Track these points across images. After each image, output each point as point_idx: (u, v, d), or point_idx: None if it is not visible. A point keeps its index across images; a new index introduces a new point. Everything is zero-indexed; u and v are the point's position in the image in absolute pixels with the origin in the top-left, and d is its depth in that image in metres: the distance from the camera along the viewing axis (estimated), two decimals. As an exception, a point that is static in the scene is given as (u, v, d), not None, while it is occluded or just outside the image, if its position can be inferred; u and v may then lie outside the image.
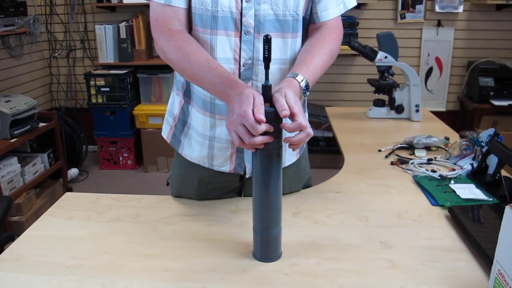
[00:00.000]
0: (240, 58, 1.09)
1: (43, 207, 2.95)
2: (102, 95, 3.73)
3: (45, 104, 4.11)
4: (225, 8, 1.05)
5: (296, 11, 1.09)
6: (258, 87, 1.11)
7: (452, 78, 3.96)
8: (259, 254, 0.99)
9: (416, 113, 2.16)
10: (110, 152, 3.90)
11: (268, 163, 0.92)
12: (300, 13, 1.10)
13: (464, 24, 3.82)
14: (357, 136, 1.96)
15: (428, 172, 1.45)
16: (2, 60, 3.49)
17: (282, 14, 1.08)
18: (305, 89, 1.01)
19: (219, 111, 1.14)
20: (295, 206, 1.24)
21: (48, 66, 4.13)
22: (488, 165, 1.40)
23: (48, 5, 3.95)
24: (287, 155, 1.24)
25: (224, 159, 1.20)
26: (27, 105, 2.98)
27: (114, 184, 3.64)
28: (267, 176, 0.93)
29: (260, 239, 0.98)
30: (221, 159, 1.20)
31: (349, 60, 3.95)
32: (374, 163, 1.60)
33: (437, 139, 1.71)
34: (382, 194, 1.34)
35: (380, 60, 2.16)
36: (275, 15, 1.07)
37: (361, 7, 3.78)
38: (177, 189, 1.32)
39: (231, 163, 1.20)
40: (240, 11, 1.05)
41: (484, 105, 3.59)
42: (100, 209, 1.23)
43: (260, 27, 1.07)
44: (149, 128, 3.78)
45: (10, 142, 2.80)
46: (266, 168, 0.92)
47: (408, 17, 3.81)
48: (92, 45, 4.05)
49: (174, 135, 1.28)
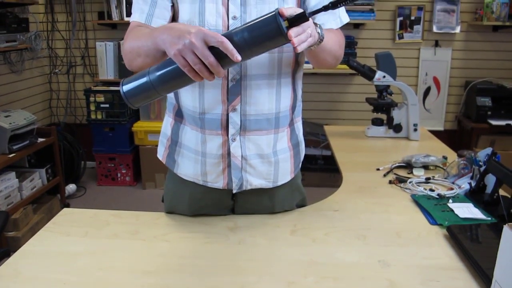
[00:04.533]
0: (228, 74, 1.10)
1: (40, 222, 2.93)
2: (102, 111, 3.74)
3: (44, 119, 4.12)
4: (212, 26, 1.06)
5: None
6: (247, 102, 1.13)
7: (450, 98, 3.98)
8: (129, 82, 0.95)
9: (414, 132, 2.17)
10: (108, 168, 3.90)
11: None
12: None
13: (462, 45, 3.86)
14: (356, 155, 1.96)
15: (426, 191, 1.45)
16: (3, 76, 3.51)
17: None
18: (321, 32, 0.98)
19: (209, 126, 1.15)
20: (294, 224, 1.24)
21: (48, 82, 4.15)
22: (486, 184, 1.41)
23: (50, 21, 3.99)
24: (280, 174, 1.24)
25: (216, 174, 1.20)
26: (26, 121, 2.99)
27: (112, 201, 3.63)
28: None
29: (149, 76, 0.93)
30: (214, 175, 1.20)
31: (348, 79, 3.97)
32: (373, 182, 1.60)
33: (435, 158, 1.72)
34: (381, 213, 1.34)
35: (379, 79, 2.17)
36: None
37: (360, 27, 3.83)
38: (169, 205, 1.33)
39: (224, 178, 1.20)
40: (227, 28, 1.07)
41: (482, 125, 3.61)
42: (98, 225, 1.23)
43: None
44: (147, 145, 3.78)
45: (9, 157, 2.79)
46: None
47: (406, 37, 3.85)
48: (93, 62, 4.08)
49: (169, 155, 1.28)
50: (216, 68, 0.86)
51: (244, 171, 1.19)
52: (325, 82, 3.96)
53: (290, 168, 1.26)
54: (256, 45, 0.87)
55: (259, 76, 1.11)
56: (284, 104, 1.17)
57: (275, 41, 0.88)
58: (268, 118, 1.16)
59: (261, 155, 1.18)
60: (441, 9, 3.76)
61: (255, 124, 1.15)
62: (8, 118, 2.89)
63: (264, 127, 1.16)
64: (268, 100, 1.14)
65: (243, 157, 1.17)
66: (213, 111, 1.14)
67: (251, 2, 1.07)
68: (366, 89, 3.74)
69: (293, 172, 1.28)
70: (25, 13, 3.65)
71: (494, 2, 3.52)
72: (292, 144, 1.25)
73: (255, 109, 1.14)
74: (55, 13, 3.98)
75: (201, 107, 1.14)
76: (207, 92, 1.13)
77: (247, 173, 1.19)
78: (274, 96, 1.15)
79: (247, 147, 1.17)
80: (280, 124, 1.19)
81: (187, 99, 1.17)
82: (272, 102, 1.15)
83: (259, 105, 1.14)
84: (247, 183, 1.20)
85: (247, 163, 1.18)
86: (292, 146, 1.25)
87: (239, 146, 1.16)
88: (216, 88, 1.12)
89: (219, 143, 1.16)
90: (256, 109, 1.14)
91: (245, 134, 1.16)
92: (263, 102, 1.14)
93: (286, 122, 1.21)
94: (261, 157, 1.19)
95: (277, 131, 1.19)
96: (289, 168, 1.26)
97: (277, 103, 1.16)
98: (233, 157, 1.17)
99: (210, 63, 0.85)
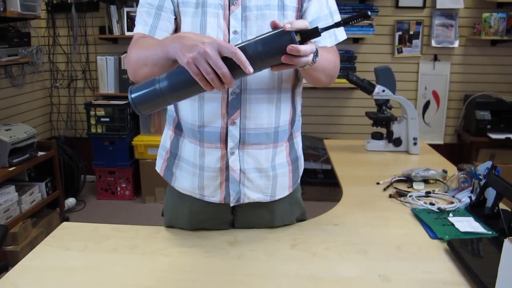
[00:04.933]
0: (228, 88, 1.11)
1: (39, 236, 2.92)
2: (102, 125, 3.75)
3: (44, 133, 4.13)
4: None
5: None
6: (247, 116, 1.13)
7: (450, 111, 4.00)
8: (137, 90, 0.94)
9: (414, 146, 2.17)
10: (108, 182, 3.89)
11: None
12: None
13: (460, 59, 3.88)
14: (356, 169, 1.96)
15: (427, 205, 1.45)
16: (4, 89, 3.52)
17: None
18: (315, 53, 0.98)
19: (208, 139, 1.15)
20: (293, 238, 1.24)
21: (49, 95, 4.16)
22: (487, 198, 1.40)
23: (51, 36, 4.02)
24: (278, 188, 1.24)
25: (214, 188, 1.20)
26: (26, 134, 3.00)
27: (112, 215, 3.62)
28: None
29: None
30: (211, 189, 1.20)
31: (347, 94, 3.99)
32: (373, 196, 1.60)
33: (435, 172, 1.72)
34: (381, 227, 1.33)
35: (378, 93, 2.18)
36: None
37: (359, 41, 3.85)
38: (169, 219, 1.32)
39: (221, 193, 1.20)
40: (228, 42, 1.08)
41: (482, 138, 3.61)
42: (97, 239, 1.22)
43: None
44: (147, 159, 3.78)
45: (8, 170, 2.79)
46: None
47: (405, 51, 3.88)
48: (93, 76, 4.10)
49: (167, 167, 1.28)
50: (228, 79, 0.86)
51: (242, 184, 1.19)
52: (324, 96, 3.98)
53: (288, 182, 1.26)
54: (268, 57, 0.89)
55: (259, 91, 1.12)
56: (283, 118, 1.18)
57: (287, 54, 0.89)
58: (267, 133, 1.16)
59: (260, 169, 1.19)
60: (440, 23, 3.79)
61: (254, 138, 1.15)
62: (8, 132, 2.90)
63: (263, 141, 1.17)
64: (267, 115, 1.15)
65: (241, 171, 1.17)
66: (213, 124, 1.14)
67: (252, 17, 1.08)
68: (365, 103, 3.75)
69: (291, 187, 1.28)
70: (27, 27, 3.68)
71: (492, 17, 3.55)
72: (291, 159, 1.25)
73: (255, 123, 1.14)
74: (56, 27, 4.02)
75: (200, 120, 1.15)
76: (207, 105, 1.13)
77: (245, 186, 1.19)
78: (274, 111, 1.15)
79: (246, 161, 1.17)
80: (279, 139, 1.19)
81: (187, 112, 1.17)
82: (271, 117, 1.15)
83: (259, 119, 1.14)
84: (245, 197, 1.20)
85: (245, 177, 1.18)
86: (291, 160, 1.25)
87: (238, 160, 1.16)
88: (216, 102, 1.12)
89: (217, 157, 1.16)
90: (255, 123, 1.14)
91: (244, 147, 1.16)
92: (263, 116, 1.14)
93: (285, 136, 1.21)
94: (259, 171, 1.19)
95: (275, 145, 1.19)
96: (287, 183, 1.26)
97: (276, 118, 1.16)
98: (231, 171, 1.17)
99: (223, 73, 0.85)
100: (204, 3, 1.09)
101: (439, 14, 3.77)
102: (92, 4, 3.88)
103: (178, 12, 1.12)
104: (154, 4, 1.12)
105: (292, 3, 1.12)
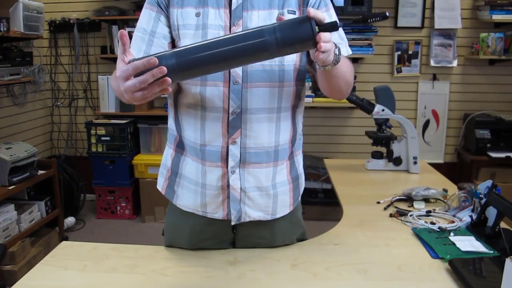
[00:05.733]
0: (229, 107, 1.11)
1: (38, 256, 2.90)
2: (102, 144, 3.76)
3: (45, 151, 4.13)
4: None
5: (281, 62, 1.12)
6: (247, 135, 1.14)
7: (449, 130, 4.00)
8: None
9: (414, 165, 2.17)
10: (108, 201, 3.88)
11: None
12: (287, 63, 1.13)
13: (459, 78, 3.91)
14: (356, 188, 1.96)
15: (427, 224, 1.44)
16: (6, 108, 3.54)
17: (268, 64, 1.11)
18: (338, 52, 1.00)
19: (209, 157, 1.16)
20: (294, 258, 1.23)
21: (50, 114, 4.18)
22: (488, 217, 1.40)
23: (53, 55, 4.06)
24: (279, 207, 1.24)
25: (216, 205, 1.20)
26: (27, 153, 3.00)
27: (111, 234, 3.60)
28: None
29: None
30: (214, 206, 1.20)
31: (347, 113, 4.00)
32: (373, 215, 1.59)
33: (435, 191, 1.72)
34: (382, 246, 1.33)
35: (378, 113, 2.19)
36: (261, 65, 1.10)
37: (359, 61, 3.88)
38: (169, 238, 1.32)
39: (224, 209, 1.20)
40: None
41: (482, 157, 3.61)
42: (97, 259, 1.22)
43: (247, 77, 1.11)
44: (148, 178, 3.78)
45: (8, 189, 2.79)
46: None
47: (404, 71, 3.91)
48: (94, 95, 4.12)
49: (168, 186, 1.28)
50: (161, 82, 0.87)
51: (243, 203, 1.18)
52: (324, 116, 4.00)
53: (289, 201, 1.26)
54: (287, 45, 0.89)
55: (260, 110, 1.13)
56: (283, 137, 1.19)
57: (304, 43, 0.90)
58: (268, 151, 1.17)
59: (260, 187, 1.19)
60: (438, 43, 3.82)
61: (254, 157, 1.16)
62: (9, 150, 2.90)
63: (264, 160, 1.17)
64: (267, 134, 1.15)
65: (242, 189, 1.17)
66: (214, 144, 1.15)
67: None
68: (365, 123, 3.76)
69: (292, 205, 1.28)
70: (30, 47, 3.72)
71: (490, 37, 3.58)
72: (292, 177, 1.26)
73: (255, 142, 1.15)
74: (58, 47, 4.05)
75: (202, 139, 1.16)
76: (208, 124, 1.14)
77: (246, 205, 1.19)
78: (274, 130, 1.16)
79: (246, 180, 1.17)
80: (280, 157, 1.20)
81: (189, 131, 1.18)
82: (271, 136, 1.16)
83: (259, 139, 1.15)
84: (246, 215, 1.20)
85: (246, 196, 1.18)
86: (291, 179, 1.25)
87: (238, 179, 1.16)
88: (217, 121, 1.13)
89: (218, 175, 1.17)
90: (256, 142, 1.15)
91: (244, 166, 1.16)
92: (263, 136, 1.15)
93: (285, 155, 1.22)
94: (260, 190, 1.19)
95: (276, 164, 1.19)
96: (288, 201, 1.25)
97: (277, 137, 1.17)
98: (232, 189, 1.17)
99: (145, 80, 0.86)
100: (204, 25, 1.10)
101: (437, 34, 3.81)
102: (94, 24, 3.92)
103: (178, 35, 1.13)
104: (148, 30, 1.15)
105: None
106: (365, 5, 3.57)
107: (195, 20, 1.11)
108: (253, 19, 1.11)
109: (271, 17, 1.11)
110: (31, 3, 3.20)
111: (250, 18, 1.11)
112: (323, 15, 0.90)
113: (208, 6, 1.11)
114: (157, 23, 1.15)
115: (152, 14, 1.15)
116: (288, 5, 1.13)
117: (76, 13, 3.94)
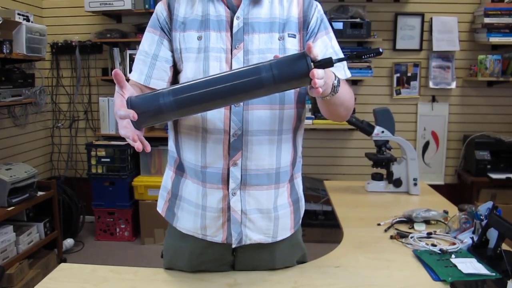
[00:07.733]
0: (230, 129, 1.12)
1: (35, 278, 2.86)
2: (102, 165, 3.76)
3: (45, 172, 4.13)
4: None
5: None
6: (248, 157, 1.14)
7: (449, 152, 4.01)
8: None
9: (414, 186, 2.17)
10: (107, 223, 3.86)
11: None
12: None
13: (458, 100, 3.93)
14: (356, 210, 1.95)
15: (428, 246, 1.43)
16: (6, 129, 3.55)
17: None
18: (337, 83, 1.02)
19: (210, 179, 1.16)
20: (294, 280, 1.22)
21: (51, 135, 4.19)
22: (489, 239, 1.39)
23: (55, 77, 4.09)
24: (280, 229, 1.23)
25: (216, 228, 1.19)
26: (27, 174, 3.00)
27: (110, 256, 3.57)
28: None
29: None
30: (214, 229, 1.20)
31: (347, 135, 4.02)
32: (374, 237, 1.59)
33: (436, 213, 1.71)
34: (382, 268, 1.32)
35: (377, 134, 2.20)
36: None
37: (358, 83, 3.91)
38: (169, 261, 1.31)
39: (224, 232, 1.19)
40: None
41: (482, 178, 3.61)
42: (95, 281, 1.21)
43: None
44: (147, 200, 3.76)
45: (7, 210, 2.77)
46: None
47: (404, 92, 3.93)
48: (95, 116, 4.14)
49: (168, 208, 1.28)
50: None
51: (244, 225, 1.18)
52: (324, 138, 4.01)
53: (290, 224, 1.25)
54: (283, 81, 0.91)
55: (260, 132, 1.14)
56: (284, 160, 1.19)
57: (300, 79, 0.92)
58: (269, 174, 1.17)
59: (261, 210, 1.18)
60: (437, 65, 3.86)
61: (255, 179, 1.16)
62: (9, 171, 2.90)
63: (264, 182, 1.17)
64: (268, 156, 1.16)
65: (242, 212, 1.17)
66: (215, 165, 1.15)
67: (254, 60, 1.11)
68: (365, 144, 3.77)
69: (293, 228, 1.27)
70: (32, 68, 3.75)
71: (487, 59, 3.62)
72: (292, 200, 1.25)
73: (256, 164, 1.15)
74: (60, 68, 4.09)
75: (203, 161, 1.16)
76: (209, 146, 1.15)
77: (247, 227, 1.18)
78: (275, 152, 1.16)
79: (247, 202, 1.17)
80: (281, 180, 1.20)
81: (189, 153, 1.18)
82: (272, 158, 1.16)
83: (260, 161, 1.15)
84: (246, 238, 1.19)
85: (246, 218, 1.18)
86: (292, 202, 1.25)
87: (239, 201, 1.16)
88: (218, 143, 1.13)
89: (219, 197, 1.17)
90: (256, 164, 1.15)
91: (245, 188, 1.16)
92: (264, 158, 1.15)
93: (286, 178, 1.22)
94: (261, 212, 1.18)
95: (277, 186, 1.20)
96: (289, 224, 1.25)
97: (278, 159, 1.17)
98: (233, 212, 1.17)
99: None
100: (206, 48, 1.12)
101: (435, 56, 3.85)
102: (95, 47, 3.96)
103: (180, 58, 1.15)
104: (150, 53, 1.16)
105: (294, 46, 1.15)
106: (364, 28, 3.62)
107: (197, 44, 1.13)
108: (254, 42, 1.12)
109: (272, 40, 1.13)
110: (34, 26, 3.24)
111: (251, 41, 1.12)
112: (316, 52, 0.92)
113: (209, 30, 1.13)
114: (160, 46, 1.16)
115: (155, 37, 1.17)
116: (289, 29, 1.15)
117: (78, 36, 3.98)
